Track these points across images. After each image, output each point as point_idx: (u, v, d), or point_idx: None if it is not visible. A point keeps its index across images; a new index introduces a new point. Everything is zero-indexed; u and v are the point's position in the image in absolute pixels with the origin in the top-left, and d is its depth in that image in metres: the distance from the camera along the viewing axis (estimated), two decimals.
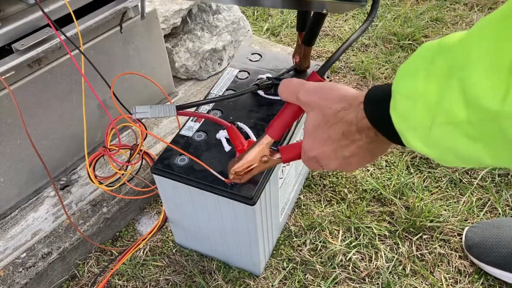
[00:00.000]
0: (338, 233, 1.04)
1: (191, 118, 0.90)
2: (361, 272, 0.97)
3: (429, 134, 0.39)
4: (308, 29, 0.84)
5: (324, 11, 0.76)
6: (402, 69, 0.42)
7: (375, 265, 0.98)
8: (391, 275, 0.96)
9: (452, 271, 0.97)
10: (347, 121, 0.51)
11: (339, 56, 0.62)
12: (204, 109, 0.93)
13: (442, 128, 0.38)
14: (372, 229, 1.04)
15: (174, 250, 1.03)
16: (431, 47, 0.39)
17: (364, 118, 0.49)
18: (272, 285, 0.96)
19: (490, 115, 0.32)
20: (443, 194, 1.11)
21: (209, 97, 0.96)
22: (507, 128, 0.32)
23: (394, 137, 0.45)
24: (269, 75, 0.97)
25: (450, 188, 1.12)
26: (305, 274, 0.97)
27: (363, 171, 1.17)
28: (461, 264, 0.97)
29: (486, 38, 0.32)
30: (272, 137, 0.62)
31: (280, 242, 1.03)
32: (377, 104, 0.46)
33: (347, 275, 0.97)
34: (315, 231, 1.04)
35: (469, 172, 1.15)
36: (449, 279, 0.95)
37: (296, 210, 1.09)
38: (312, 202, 1.11)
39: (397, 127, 0.44)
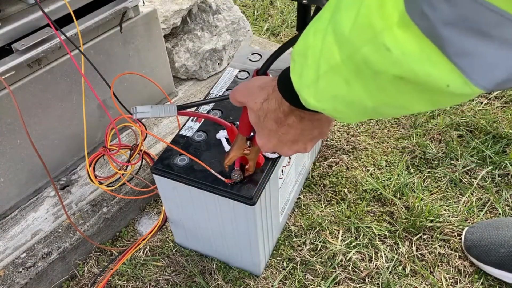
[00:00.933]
0: (338, 233, 1.04)
1: (191, 118, 0.90)
2: (361, 272, 0.97)
3: (318, 87, 0.42)
4: None
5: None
6: (303, 32, 0.44)
7: (375, 265, 0.98)
8: (391, 275, 0.96)
9: (452, 271, 0.97)
10: (272, 110, 0.53)
11: (280, 54, 0.61)
12: (204, 109, 0.93)
13: (325, 77, 0.40)
14: (372, 229, 1.04)
15: (174, 250, 1.03)
16: (324, 5, 0.42)
17: (282, 100, 0.51)
18: (272, 285, 0.96)
19: (352, 46, 0.35)
20: (443, 194, 1.11)
21: (209, 97, 0.96)
22: (367, 55, 0.34)
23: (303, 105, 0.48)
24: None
25: (450, 188, 1.12)
26: (305, 274, 0.97)
27: (363, 171, 1.17)
28: (461, 264, 0.97)
29: None
30: (243, 134, 0.70)
31: (280, 242, 1.03)
32: (287, 78, 0.48)
33: (347, 275, 0.97)
34: (315, 231, 1.04)
35: (469, 172, 1.15)
36: (449, 279, 0.95)
37: (296, 210, 1.09)
38: (312, 202, 1.11)
39: (296, 87, 0.46)
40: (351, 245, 1.02)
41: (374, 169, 1.17)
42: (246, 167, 0.78)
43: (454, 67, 0.30)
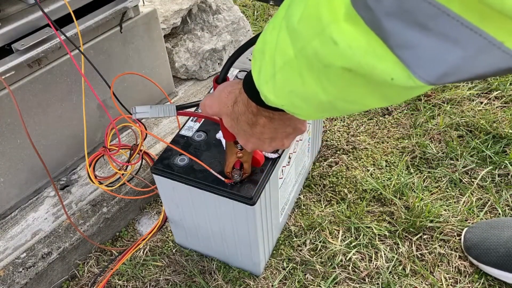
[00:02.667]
0: (338, 233, 1.04)
1: (191, 118, 0.90)
2: (361, 272, 0.97)
3: (275, 83, 0.42)
4: None
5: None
6: (263, 30, 0.45)
7: (375, 265, 0.98)
8: (391, 275, 0.96)
9: (452, 271, 0.97)
10: (242, 112, 0.54)
11: (235, 59, 0.61)
12: None
13: (281, 72, 0.41)
14: (372, 229, 1.04)
15: (174, 250, 1.03)
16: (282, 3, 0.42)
17: (249, 101, 0.52)
18: (272, 285, 0.96)
19: (302, 39, 0.36)
20: (443, 194, 1.11)
21: None
22: (317, 49, 0.35)
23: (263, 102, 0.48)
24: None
25: (450, 188, 1.12)
26: (305, 274, 0.97)
27: (363, 171, 1.17)
28: (461, 264, 0.97)
29: None
30: (228, 140, 0.72)
31: (280, 242, 1.03)
32: (251, 79, 0.48)
33: (347, 275, 0.97)
34: (315, 231, 1.04)
35: (469, 172, 1.15)
36: (449, 279, 0.95)
37: (296, 210, 1.09)
38: (312, 202, 1.11)
39: (256, 84, 0.46)
40: (351, 245, 1.02)
41: (374, 169, 1.17)
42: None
43: (398, 60, 0.31)
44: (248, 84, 0.51)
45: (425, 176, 1.15)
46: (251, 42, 0.59)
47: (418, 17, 0.28)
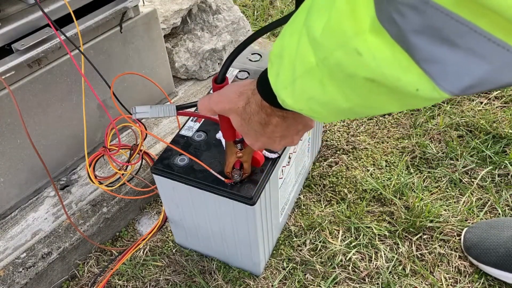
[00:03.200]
0: (338, 233, 1.04)
1: (191, 118, 0.90)
2: (361, 272, 0.97)
3: (294, 89, 0.43)
4: None
5: None
6: (280, 33, 0.45)
7: (375, 265, 0.98)
8: (391, 275, 0.96)
9: (452, 271, 0.97)
10: (254, 112, 0.54)
11: (233, 59, 0.61)
12: None
13: (301, 79, 0.41)
14: (372, 229, 1.04)
15: (174, 250, 1.03)
16: (299, 7, 0.42)
17: (262, 102, 0.53)
18: (272, 285, 0.96)
19: (324, 50, 0.36)
20: (443, 194, 1.11)
21: None
22: (340, 59, 0.35)
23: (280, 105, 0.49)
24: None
25: (450, 188, 1.12)
26: (305, 274, 0.98)
27: (363, 171, 1.17)
28: (461, 264, 0.97)
29: None
30: (228, 140, 0.72)
31: (280, 242, 1.03)
32: (266, 82, 0.48)
33: (347, 275, 0.97)
34: (315, 231, 1.04)
35: (469, 172, 1.15)
36: (449, 279, 0.95)
37: (296, 210, 1.09)
38: (312, 202, 1.11)
39: (273, 88, 0.46)
40: (351, 245, 1.02)
41: (374, 169, 1.17)
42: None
43: (423, 73, 0.31)
44: (263, 86, 0.51)
45: (425, 176, 1.15)
46: (249, 41, 0.59)
47: (446, 34, 0.28)
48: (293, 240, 1.03)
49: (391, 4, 0.29)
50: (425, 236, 1.02)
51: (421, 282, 0.95)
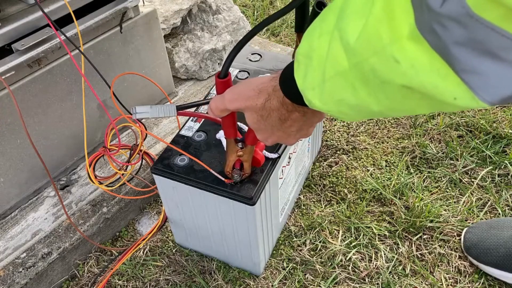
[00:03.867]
0: (338, 233, 1.04)
1: (191, 118, 0.90)
2: (361, 272, 0.97)
3: (323, 90, 0.43)
4: (305, 30, 0.84)
5: None
6: (305, 32, 0.45)
7: (375, 265, 0.98)
8: (391, 275, 0.96)
9: (452, 271, 0.97)
10: (275, 108, 0.54)
11: (236, 54, 0.61)
12: (204, 109, 0.93)
13: (332, 81, 0.41)
14: (372, 229, 1.04)
15: (174, 250, 1.03)
16: (328, 6, 0.42)
17: (284, 98, 0.53)
18: (272, 285, 0.96)
19: (359, 56, 0.36)
20: (443, 194, 1.11)
21: (209, 97, 0.96)
22: (375, 66, 0.35)
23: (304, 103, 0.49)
24: (269, 75, 0.97)
25: (450, 188, 1.12)
26: (305, 274, 0.98)
27: (363, 171, 1.17)
28: (461, 264, 0.97)
29: None
30: (229, 137, 0.72)
31: (280, 242, 1.03)
32: (289, 77, 0.48)
33: (347, 275, 0.97)
34: (315, 231, 1.04)
35: (469, 172, 1.15)
36: (449, 279, 0.95)
37: (296, 210, 1.09)
38: (312, 202, 1.11)
39: (300, 88, 0.46)
40: (351, 245, 1.02)
41: (374, 169, 1.17)
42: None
43: (461, 82, 0.31)
44: (285, 83, 0.51)
45: (425, 176, 1.15)
46: (250, 35, 0.59)
47: (489, 47, 0.28)
48: (293, 240, 1.03)
49: (432, 15, 0.29)
50: (425, 236, 1.02)
51: (421, 282, 0.95)
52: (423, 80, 0.33)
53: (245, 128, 0.84)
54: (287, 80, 0.50)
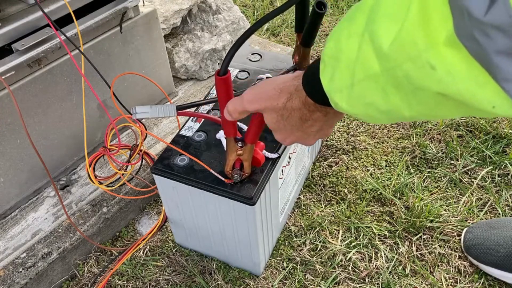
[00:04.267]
0: (338, 233, 1.04)
1: (191, 118, 0.90)
2: (361, 272, 0.97)
3: (351, 93, 0.42)
4: (305, 31, 0.84)
5: None
6: (331, 32, 0.44)
7: (375, 265, 0.98)
8: (391, 275, 0.96)
9: (452, 271, 0.97)
10: (296, 108, 0.54)
11: (235, 52, 0.60)
12: (204, 109, 0.93)
13: (361, 84, 0.40)
14: (372, 229, 1.04)
15: (174, 250, 1.03)
16: (356, 6, 0.41)
17: (306, 98, 0.52)
18: (272, 285, 0.96)
19: (392, 61, 0.35)
20: (443, 194, 1.11)
21: (209, 97, 0.96)
22: (409, 72, 0.34)
23: (330, 104, 0.48)
24: (269, 75, 0.97)
25: (450, 188, 1.12)
26: (305, 274, 0.98)
27: (363, 171, 1.17)
28: (461, 264, 0.97)
29: None
30: (229, 136, 0.72)
31: (280, 242, 1.03)
32: (313, 77, 0.48)
33: (347, 275, 0.97)
34: (315, 231, 1.04)
35: (469, 172, 1.15)
36: (449, 279, 0.95)
37: (296, 210, 1.09)
38: (312, 202, 1.11)
39: (326, 89, 0.45)
40: (351, 245, 1.02)
41: (374, 169, 1.17)
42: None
43: (501, 90, 0.30)
44: (309, 84, 0.51)
45: (425, 176, 1.15)
46: (250, 32, 0.58)
47: None
48: (293, 240, 1.03)
49: (474, 23, 0.28)
50: (425, 236, 1.02)
51: (421, 282, 0.95)
52: (460, 88, 0.32)
53: (245, 127, 0.85)
54: (310, 80, 0.49)
